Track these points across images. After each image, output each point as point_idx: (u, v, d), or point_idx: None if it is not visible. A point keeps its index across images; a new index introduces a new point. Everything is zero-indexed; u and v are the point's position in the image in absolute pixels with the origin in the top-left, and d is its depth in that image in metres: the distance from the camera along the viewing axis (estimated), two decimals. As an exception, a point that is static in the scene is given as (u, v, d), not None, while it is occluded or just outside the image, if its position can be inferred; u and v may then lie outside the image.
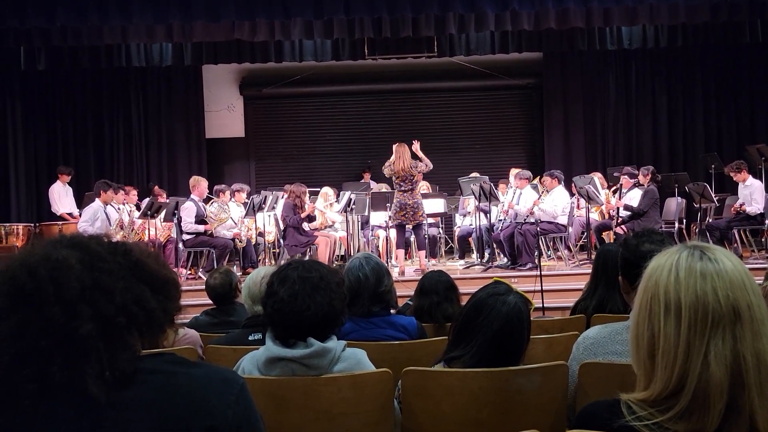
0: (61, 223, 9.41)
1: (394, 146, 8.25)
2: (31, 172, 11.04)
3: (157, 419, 1.07)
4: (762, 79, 11.23)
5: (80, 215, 8.92)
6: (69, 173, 10.10)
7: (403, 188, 8.15)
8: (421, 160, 8.24)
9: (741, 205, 8.44)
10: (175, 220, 8.43)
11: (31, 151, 11.09)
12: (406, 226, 8.33)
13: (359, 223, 9.49)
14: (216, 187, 9.18)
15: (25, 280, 1.06)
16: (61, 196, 9.96)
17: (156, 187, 10.24)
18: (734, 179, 8.66)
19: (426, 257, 8.69)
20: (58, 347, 1.04)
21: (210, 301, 3.93)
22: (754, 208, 8.34)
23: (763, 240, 8.87)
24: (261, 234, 9.14)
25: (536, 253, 7.98)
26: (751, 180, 8.53)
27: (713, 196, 8.85)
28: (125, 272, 1.13)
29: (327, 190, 9.72)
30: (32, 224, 9.40)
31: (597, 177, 9.44)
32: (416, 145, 8.40)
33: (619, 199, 8.83)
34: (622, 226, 8.47)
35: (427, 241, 9.37)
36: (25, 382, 1.03)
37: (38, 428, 1.05)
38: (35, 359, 1.03)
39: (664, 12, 9.06)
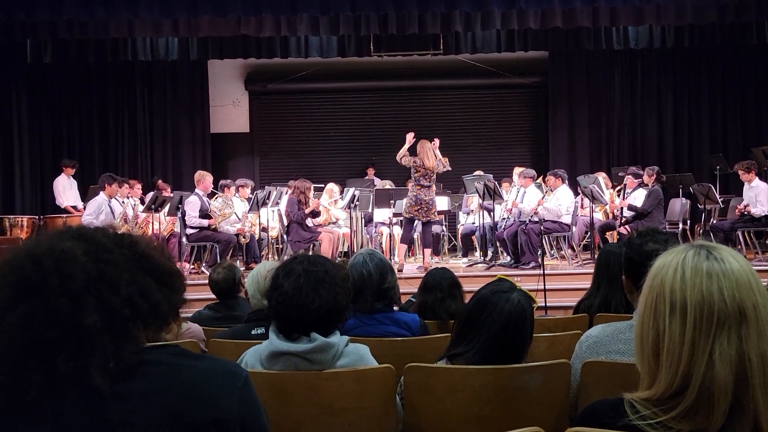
0: (65, 216, 9.44)
1: (421, 143, 8.16)
2: (36, 165, 11.06)
3: (162, 411, 1.08)
4: (768, 80, 11.21)
5: (84, 208, 8.94)
6: (73, 166, 10.12)
7: (422, 183, 8.12)
8: (440, 159, 8.22)
9: (746, 207, 8.42)
10: (179, 215, 8.45)
11: (36, 143, 11.12)
12: (416, 222, 8.32)
13: (363, 219, 9.49)
14: (222, 182, 9.19)
15: (30, 270, 1.06)
16: (65, 189, 9.98)
17: (160, 181, 10.26)
18: (741, 178, 8.63)
19: (431, 255, 8.69)
20: (63, 338, 1.04)
21: (213, 296, 3.94)
22: (759, 209, 8.32)
23: (767, 242, 8.84)
24: (264, 229, 9.15)
25: (539, 252, 7.97)
26: (757, 181, 8.50)
27: (718, 197, 8.83)
28: (131, 264, 1.13)
29: (331, 187, 9.72)
30: (37, 217, 9.43)
31: (601, 177, 9.42)
32: (436, 142, 8.34)
33: (623, 199, 8.81)
34: (626, 226, 8.45)
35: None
36: (30, 373, 1.03)
37: (43, 419, 1.05)
38: (40, 350, 1.04)
39: (671, 12, 9.03)
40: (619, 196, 9.14)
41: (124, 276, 1.10)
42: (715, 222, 8.93)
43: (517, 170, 9.57)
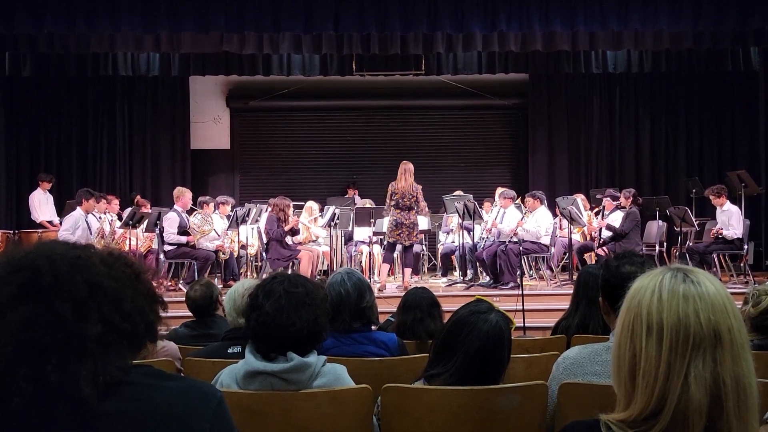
0: (40, 230, 9.30)
1: (401, 164, 8.26)
2: (12, 179, 10.92)
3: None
4: (743, 106, 11.42)
5: (60, 223, 8.82)
6: (50, 180, 10.00)
7: (399, 206, 8.13)
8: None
9: (719, 230, 8.55)
10: (157, 231, 8.37)
11: (12, 157, 10.98)
12: (398, 245, 8.32)
13: (343, 238, 9.47)
14: (200, 199, 9.13)
15: (46, 270, 1.05)
16: (41, 204, 9.85)
17: (138, 197, 10.16)
18: (712, 203, 8.78)
19: (410, 275, 8.68)
20: (60, 346, 1.02)
21: (190, 313, 3.89)
22: (731, 232, 8.46)
23: (741, 264, 8.97)
24: (243, 247, 9.09)
25: (518, 273, 8.00)
26: (728, 205, 8.64)
27: (694, 220, 8.95)
28: (131, 282, 1.13)
29: (311, 204, 9.70)
30: (11, 231, 9.28)
31: (580, 198, 9.50)
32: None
33: (602, 219, 8.89)
34: (604, 248, 8.52)
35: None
36: (20, 382, 1.01)
37: (21, 428, 1.03)
38: (35, 356, 1.01)
39: (649, 38, 9.20)
40: (597, 217, 9.23)
41: (127, 292, 1.10)
42: (691, 244, 9.05)
43: (498, 190, 9.63)
